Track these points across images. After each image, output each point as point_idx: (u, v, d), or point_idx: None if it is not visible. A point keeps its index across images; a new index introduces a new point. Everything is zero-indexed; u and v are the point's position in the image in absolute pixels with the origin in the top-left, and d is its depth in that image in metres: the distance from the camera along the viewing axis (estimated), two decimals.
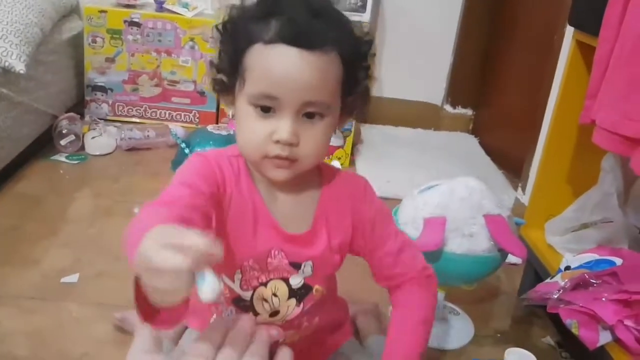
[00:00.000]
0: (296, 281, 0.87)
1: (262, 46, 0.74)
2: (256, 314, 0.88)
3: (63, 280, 1.42)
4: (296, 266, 0.86)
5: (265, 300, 0.87)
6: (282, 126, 0.75)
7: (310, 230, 0.86)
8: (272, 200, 0.84)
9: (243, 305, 0.88)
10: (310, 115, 0.76)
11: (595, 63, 1.19)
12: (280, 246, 0.84)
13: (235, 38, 0.78)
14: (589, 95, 1.20)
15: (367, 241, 0.90)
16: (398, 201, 1.37)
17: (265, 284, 0.86)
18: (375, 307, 1.37)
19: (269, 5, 0.76)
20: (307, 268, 0.87)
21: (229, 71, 0.79)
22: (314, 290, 0.90)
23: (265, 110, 0.75)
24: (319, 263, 0.87)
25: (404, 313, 0.92)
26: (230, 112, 0.84)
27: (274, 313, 0.89)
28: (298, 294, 0.88)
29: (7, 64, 1.79)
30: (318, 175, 0.88)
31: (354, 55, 0.79)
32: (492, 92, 2.67)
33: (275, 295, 0.87)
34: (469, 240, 1.22)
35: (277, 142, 0.75)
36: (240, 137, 0.80)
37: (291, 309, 0.89)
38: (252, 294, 0.86)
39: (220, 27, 0.80)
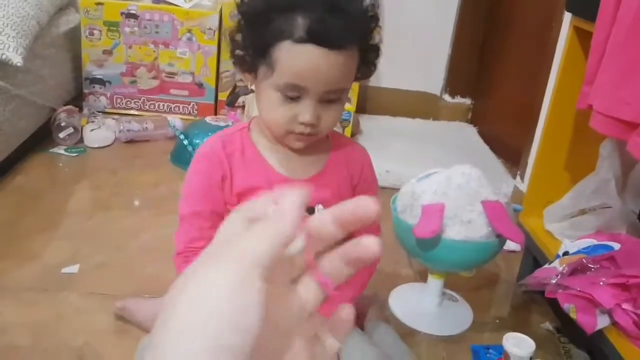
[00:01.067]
0: None
1: (291, 44, 0.82)
2: None
3: (64, 270, 1.43)
4: (310, 211, 0.90)
5: None
6: (306, 111, 0.85)
7: (319, 174, 0.96)
8: (281, 160, 0.95)
9: None
10: (329, 97, 0.86)
11: (592, 48, 1.19)
12: None
13: (261, 28, 0.84)
14: (586, 81, 1.20)
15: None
16: (397, 190, 1.37)
17: None
18: (375, 296, 1.37)
19: None
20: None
21: (254, 55, 0.86)
22: None
23: (290, 95, 0.85)
24: (328, 207, 0.92)
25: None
26: (250, 86, 0.93)
27: None
28: None
29: (4, 56, 1.79)
30: (326, 140, 0.99)
31: (370, 43, 0.88)
32: (491, 81, 2.66)
33: None
34: (467, 226, 1.23)
35: (302, 123, 0.86)
36: (265, 115, 0.90)
37: None
38: None
39: (242, 9, 0.86)
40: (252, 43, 0.86)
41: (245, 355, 0.27)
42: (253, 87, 0.92)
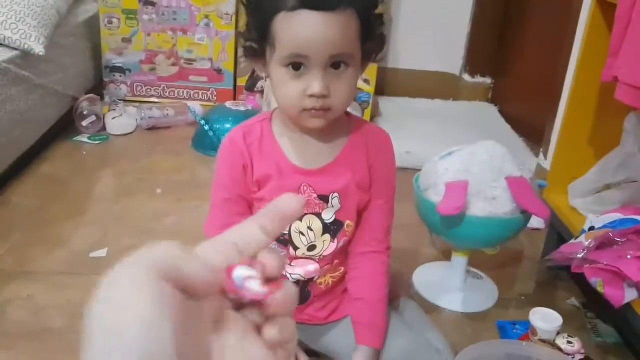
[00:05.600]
0: (328, 215, 0.98)
1: (285, 14, 0.83)
2: (295, 247, 0.99)
3: (92, 254, 1.45)
4: (324, 199, 0.97)
5: (302, 234, 0.97)
6: (313, 82, 0.85)
7: (332, 163, 0.97)
8: (295, 149, 0.96)
9: (282, 239, 0.99)
10: (336, 66, 0.86)
11: (617, 19, 1.18)
12: (307, 181, 0.96)
13: (259, 9, 0.87)
14: (611, 53, 1.19)
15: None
16: (418, 171, 1.37)
17: (300, 219, 0.96)
18: (401, 274, 1.38)
19: None
20: (334, 200, 0.97)
21: (258, 39, 0.89)
22: (345, 226, 0.99)
23: (296, 67, 0.85)
24: (344, 195, 0.97)
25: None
26: (263, 75, 0.96)
27: (311, 247, 0.99)
28: (331, 229, 0.98)
29: (26, 46, 1.81)
30: (347, 125, 0.99)
31: (368, 8, 0.88)
32: (511, 59, 2.63)
33: (310, 229, 0.97)
34: (491, 203, 1.23)
35: (311, 95, 0.85)
36: (278, 96, 0.90)
37: (327, 244, 0.99)
38: (290, 227, 0.96)
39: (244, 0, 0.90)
40: (254, 26, 0.88)
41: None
42: (267, 76, 0.94)
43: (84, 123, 2.16)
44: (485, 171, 1.23)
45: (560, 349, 1.15)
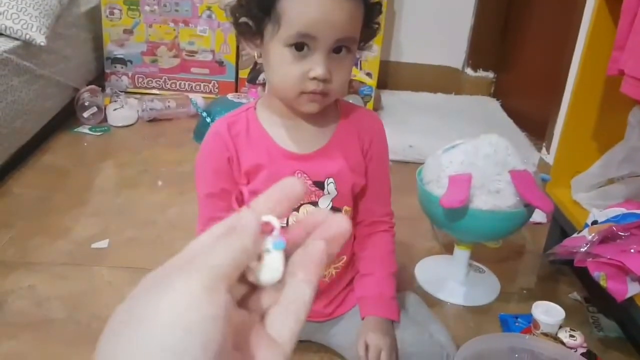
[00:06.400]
0: (325, 203, 0.97)
1: None
2: None
3: (93, 245, 1.45)
4: (320, 186, 0.96)
5: None
6: (317, 64, 0.84)
7: (325, 147, 0.96)
8: (285, 135, 0.95)
9: None
10: (338, 50, 0.85)
11: (623, 13, 1.17)
12: (301, 167, 0.95)
13: None
14: (617, 46, 1.18)
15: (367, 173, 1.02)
16: (420, 165, 1.37)
17: (297, 209, 0.95)
18: (402, 266, 1.37)
19: None
20: (330, 187, 0.97)
21: (258, 16, 0.85)
22: (343, 211, 0.99)
23: (300, 48, 0.83)
24: (340, 180, 0.97)
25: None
26: (254, 54, 0.92)
27: None
28: None
29: (27, 36, 1.80)
30: (335, 109, 0.99)
31: None
32: (514, 53, 2.62)
33: None
34: (494, 196, 1.22)
35: (314, 78, 0.84)
36: (276, 78, 0.88)
37: None
38: (287, 220, 0.93)
39: None
40: (257, 1, 0.85)
41: None
42: (260, 57, 0.90)
43: (86, 114, 2.15)
44: (489, 164, 1.23)
45: (562, 343, 1.15)
